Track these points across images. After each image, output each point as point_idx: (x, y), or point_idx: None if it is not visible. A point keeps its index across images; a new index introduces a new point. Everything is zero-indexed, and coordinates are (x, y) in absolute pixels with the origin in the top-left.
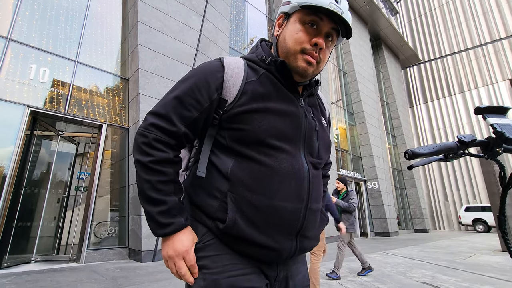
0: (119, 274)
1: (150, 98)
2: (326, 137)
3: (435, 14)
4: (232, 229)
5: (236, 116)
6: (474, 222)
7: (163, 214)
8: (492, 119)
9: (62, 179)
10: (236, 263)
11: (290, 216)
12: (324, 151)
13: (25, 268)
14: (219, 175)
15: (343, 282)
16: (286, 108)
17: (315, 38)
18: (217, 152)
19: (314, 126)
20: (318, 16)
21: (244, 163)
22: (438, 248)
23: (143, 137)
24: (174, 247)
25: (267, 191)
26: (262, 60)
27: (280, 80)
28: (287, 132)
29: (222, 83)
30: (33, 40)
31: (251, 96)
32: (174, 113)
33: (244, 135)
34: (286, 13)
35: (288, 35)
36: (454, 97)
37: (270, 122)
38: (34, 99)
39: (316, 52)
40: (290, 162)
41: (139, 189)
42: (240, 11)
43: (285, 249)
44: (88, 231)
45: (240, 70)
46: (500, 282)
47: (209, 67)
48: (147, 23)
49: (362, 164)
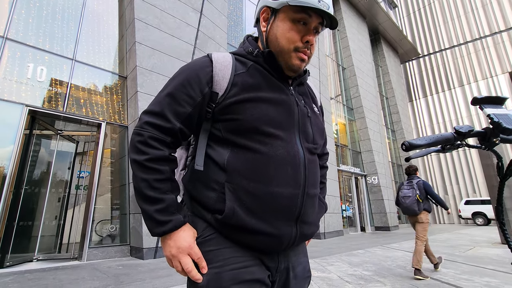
0: (121, 272)
1: (148, 95)
2: (319, 122)
3: (434, 7)
4: (231, 218)
5: (229, 107)
6: (474, 216)
7: (160, 212)
8: (489, 110)
9: (62, 178)
10: (238, 256)
11: (288, 201)
12: (319, 136)
13: (28, 266)
14: (216, 167)
15: (344, 276)
16: (277, 97)
17: (305, 36)
18: (213, 145)
19: (306, 113)
20: (306, 13)
21: (240, 152)
22: (438, 241)
23: (138, 136)
24: (177, 245)
25: (264, 178)
26: (250, 53)
27: (269, 70)
28: (280, 119)
29: (211, 77)
30: (29, 39)
31: (242, 87)
32: (168, 110)
33: (238, 125)
34: (273, 8)
35: (280, 33)
36: (453, 90)
37: (262, 110)
38: (32, 98)
39: (308, 49)
40: (285, 148)
41: (135, 189)
42: (237, 6)
43: (285, 235)
44: (89, 229)
45: (228, 63)
46: (499, 274)
47: (198, 63)
48: (144, 20)
49: (362, 159)
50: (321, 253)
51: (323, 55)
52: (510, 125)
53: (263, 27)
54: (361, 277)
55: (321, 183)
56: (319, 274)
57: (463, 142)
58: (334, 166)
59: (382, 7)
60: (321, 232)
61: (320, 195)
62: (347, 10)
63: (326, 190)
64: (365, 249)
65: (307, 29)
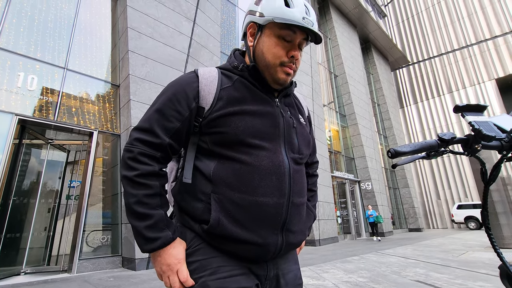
0: (112, 283)
1: (141, 104)
2: (305, 133)
3: (422, 16)
4: (216, 228)
5: (215, 121)
6: (466, 220)
7: (150, 228)
8: (470, 117)
9: (52, 188)
10: (225, 265)
11: (273, 210)
12: (305, 146)
13: (15, 280)
14: (203, 178)
15: (338, 283)
16: (262, 109)
17: (290, 51)
18: (201, 157)
19: (292, 124)
20: (291, 29)
21: (226, 163)
22: (432, 247)
23: (128, 153)
24: (167, 262)
25: (249, 188)
26: (235, 67)
27: (254, 83)
28: (265, 130)
29: (198, 92)
30: (20, 47)
31: (227, 101)
32: (157, 126)
33: (224, 137)
34: (259, 25)
35: (266, 49)
36: (443, 97)
37: (247, 122)
38: (22, 107)
39: (293, 64)
40: (270, 159)
41: (126, 205)
42: (230, 16)
43: (270, 244)
44: (80, 240)
45: (214, 78)
46: (492, 278)
47: (185, 79)
48: (137, 29)
49: (355, 165)
50: (316, 260)
51: (315, 63)
52: (490, 132)
53: (249, 42)
54: (356, 284)
55: (311, 191)
56: (314, 282)
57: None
58: (328, 172)
59: (372, 16)
60: (316, 239)
61: (310, 203)
62: (338, 19)
63: (316, 198)
64: (360, 256)
65: (292, 44)
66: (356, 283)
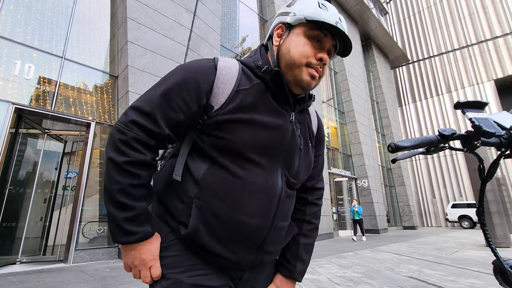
0: (108, 274)
1: (139, 95)
2: (308, 157)
3: (424, 15)
4: (192, 237)
5: (220, 124)
6: (460, 219)
7: (129, 221)
8: (470, 114)
9: (49, 178)
10: (198, 263)
11: (254, 232)
12: (304, 171)
13: (10, 269)
14: (190, 179)
15: (333, 278)
16: (273, 122)
17: (319, 53)
18: (194, 155)
19: (299, 144)
20: (322, 32)
21: (218, 171)
22: (426, 244)
23: (121, 134)
24: (141, 257)
25: (235, 204)
26: (258, 67)
27: (273, 91)
28: (268, 146)
29: (211, 88)
30: (17, 35)
31: (239, 106)
32: (159, 112)
33: (224, 144)
34: (289, 24)
35: (293, 47)
36: (441, 96)
37: (253, 134)
38: (19, 96)
39: (320, 67)
40: (264, 178)
41: (106, 189)
42: (231, 9)
43: (243, 261)
44: (76, 231)
45: (233, 76)
46: (484, 276)
47: (201, 67)
48: (136, 19)
49: (353, 162)
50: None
51: None
52: (490, 129)
53: (275, 42)
54: (350, 279)
55: (309, 223)
56: (309, 276)
57: (446, 145)
58: (325, 169)
59: (374, 13)
60: None
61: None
62: None
63: (316, 234)
64: (355, 252)
65: (322, 47)
66: (350, 278)
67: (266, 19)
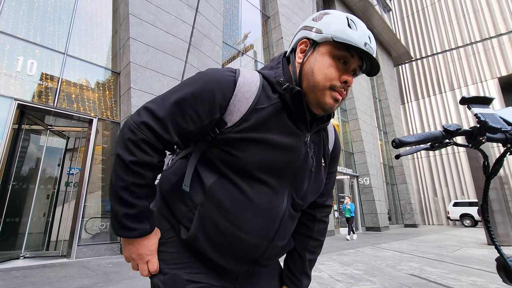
0: (110, 269)
1: (142, 92)
2: (320, 178)
3: (427, 12)
4: (190, 243)
5: (231, 141)
6: (462, 217)
7: (129, 217)
8: (476, 109)
9: (51, 174)
10: (196, 262)
11: (251, 250)
12: (312, 193)
13: (14, 264)
14: (198, 186)
15: (334, 275)
16: (286, 142)
17: (344, 75)
18: (203, 164)
19: (311, 167)
20: (349, 52)
21: (225, 184)
22: (427, 242)
23: (131, 133)
24: (138, 252)
25: (237, 220)
26: (279, 83)
27: (291, 111)
28: (279, 167)
29: (228, 105)
30: (20, 31)
31: (253, 125)
32: (171, 120)
33: (235, 161)
34: (314, 41)
35: (317, 68)
36: (444, 94)
37: (264, 154)
38: (21, 92)
39: (344, 90)
40: (270, 198)
41: (111, 184)
42: (233, 5)
43: (237, 270)
44: (79, 227)
45: (251, 95)
46: (485, 274)
47: (220, 80)
48: (138, 15)
49: (354, 160)
50: None
51: None
52: (495, 124)
53: (298, 58)
54: (351, 276)
55: (315, 240)
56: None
57: (451, 140)
58: None
59: (377, 10)
60: None
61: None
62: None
63: (320, 250)
64: (356, 249)
65: (346, 68)
66: (351, 275)
67: (268, 16)
